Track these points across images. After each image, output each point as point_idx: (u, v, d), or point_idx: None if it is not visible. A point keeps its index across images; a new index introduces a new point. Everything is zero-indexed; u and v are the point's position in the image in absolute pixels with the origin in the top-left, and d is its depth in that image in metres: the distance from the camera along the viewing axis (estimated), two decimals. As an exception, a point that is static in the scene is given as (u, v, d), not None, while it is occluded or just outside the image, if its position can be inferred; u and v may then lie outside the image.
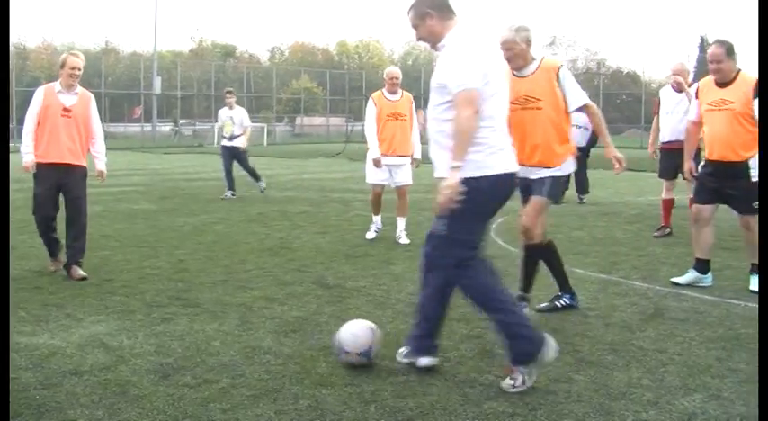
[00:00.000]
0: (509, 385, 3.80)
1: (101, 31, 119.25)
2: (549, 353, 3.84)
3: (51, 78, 6.47)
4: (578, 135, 12.53)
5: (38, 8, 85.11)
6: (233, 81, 51.52)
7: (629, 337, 4.74)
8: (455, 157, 3.69)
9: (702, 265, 6.17)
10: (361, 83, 51.84)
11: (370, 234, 8.62)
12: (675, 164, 8.02)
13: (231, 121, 12.99)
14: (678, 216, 9.03)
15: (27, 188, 6.32)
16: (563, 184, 5.15)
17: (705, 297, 5.79)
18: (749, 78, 5.83)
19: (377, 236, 8.57)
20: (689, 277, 6.18)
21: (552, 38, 66.01)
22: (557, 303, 5.37)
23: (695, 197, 6.22)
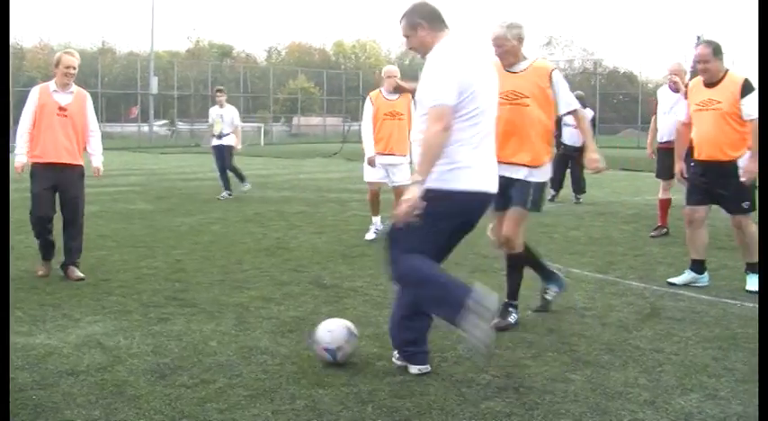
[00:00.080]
0: (469, 347, 3.84)
1: (97, 30, 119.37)
2: (485, 296, 3.61)
3: (48, 78, 6.44)
4: (574, 135, 12.57)
5: (34, 8, 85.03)
6: (230, 81, 51.45)
7: (625, 337, 4.74)
8: (419, 171, 3.72)
9: (698, 266, 6.18)
10: (358, 83, 51.85)
11: (370, 235, 8.58)
12: (673, 164, 8.01)
13: (221, 120, 13.00)
14: (675, 216, 9.03)
15: (23, 188, 6.31)
16: (543, 191, 5.05)
17: (702, 296, 5.80)
18: (737, 78, 5.85)
19: (376, 237, 8.55)
20: (685, 277, 6.19)
21: (549, 38, 66.10)
22: (546, 297, 5.30)
23: (687, 198, 6.24)
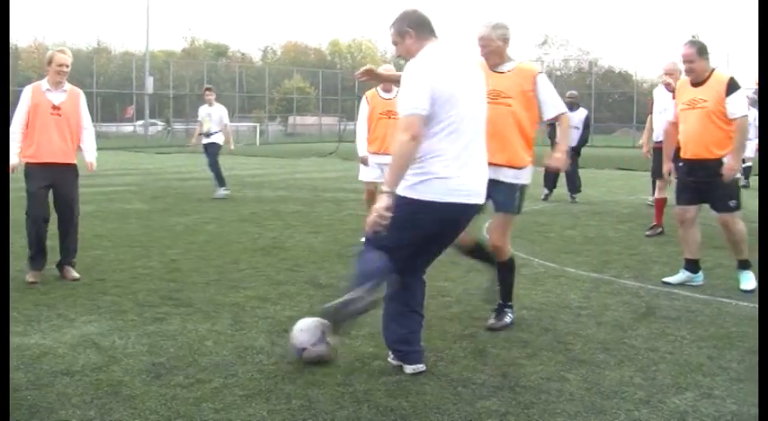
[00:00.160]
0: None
1: (92, 30, 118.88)
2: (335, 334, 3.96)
3: (43, 78, 6.40)
4: (569, 134, 12.59)
5: (29, 7, 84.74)
6: (225, 80, 51.46)
7: (621, 336, 4.75)
8: (387, 182, 3.73)
9: (692, 265, 6.20)
10: (354, 82, 51.79)
11: None
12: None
13: (209, 119, 13.02)
14: (670, 215, 9.03)
15: (18, 188, 6.28)
16: (524, 194, 4.92)
17: (697, 295, 5.81)
18: (722, 77, 5.88)
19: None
20: (680, 277, 6.21)
21: (545, 37, 66.21)
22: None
23: (677, 199, 6.25)
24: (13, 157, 6.15)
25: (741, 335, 4.75)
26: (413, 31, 3.94)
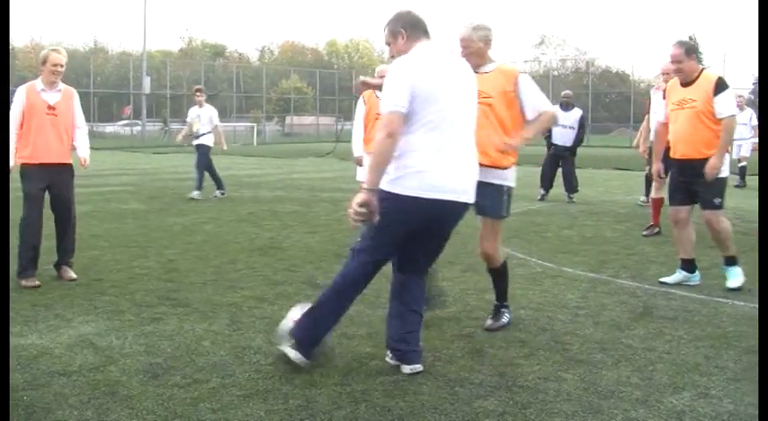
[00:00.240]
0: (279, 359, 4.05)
1: (89, 30, 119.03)
2: (315, 358, 4.04)
3: (36, 78, 6.36)
4: (564, 135, 12.61)
5: (26, 7, 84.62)
6: (222, 81, 51.45)
7: (618, 336, 4.75)
8: (367, 179, 3.79)
9: (688, 265, 6.21)
10: (351, 83, 51.81)
11: None
12: (667, 163, 8.04)
13: (198, 120, 13.01)
14: (668, 215, 9.05)
15: (14, 188, 6.26)
16: (511, 196, 4.86)
17: (693, 295, 5.82)
18: (711, 76, 5.90)
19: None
20: (677, 277, 6.22)
21: (542, 37, 66.34)
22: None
23: (670, 199, 6.27)
24: (10, 159, 6.10)
25: (738, 334, 4.75)
26: (405, 31, 3.95)
